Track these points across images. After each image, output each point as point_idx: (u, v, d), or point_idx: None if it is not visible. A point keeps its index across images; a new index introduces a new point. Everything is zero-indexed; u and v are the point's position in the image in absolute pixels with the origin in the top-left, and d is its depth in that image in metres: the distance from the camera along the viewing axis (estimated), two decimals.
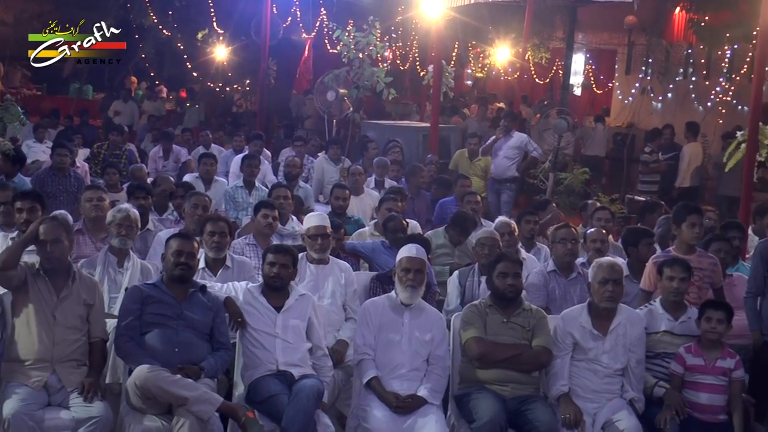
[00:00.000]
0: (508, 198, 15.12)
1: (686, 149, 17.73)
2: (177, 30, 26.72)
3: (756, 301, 7.72)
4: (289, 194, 10.29)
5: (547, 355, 7.01)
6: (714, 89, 20.89)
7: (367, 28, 16.68)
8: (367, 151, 15.14)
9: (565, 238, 8.40)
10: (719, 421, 6.98)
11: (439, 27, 16.25)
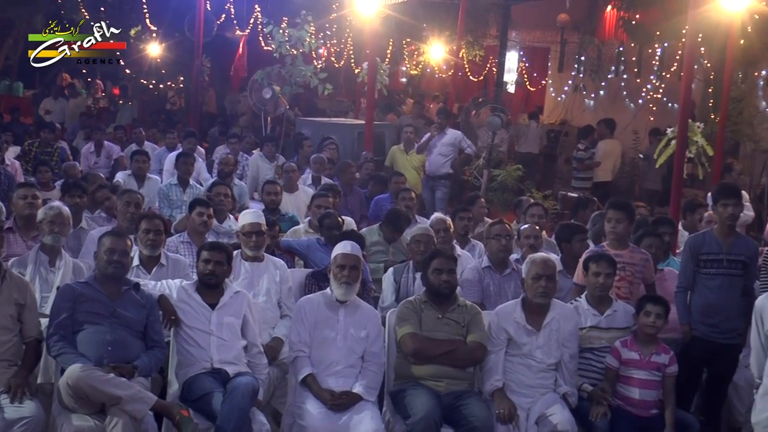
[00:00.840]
0: (442, 195, 15.18)
1: (601, 145, 17.93)
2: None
3: (686, 295, 7.82)
4: (229, 192, 10.27)
5: (481, 351, 7.05)
6: (645, 87, 21.13)
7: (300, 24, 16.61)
8: (301, 148, 15.13)
9: (499, 234, 8.45)
10: (651, 416, 7.07)
11: (373, 24, 16.27)
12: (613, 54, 23.23)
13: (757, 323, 6.28)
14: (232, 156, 13.73)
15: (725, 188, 8.07)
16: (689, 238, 8.29)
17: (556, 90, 24.95)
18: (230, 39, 26.09)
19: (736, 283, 7.68)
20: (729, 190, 7.92)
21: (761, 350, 6.31)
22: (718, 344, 7.69)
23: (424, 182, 15.32)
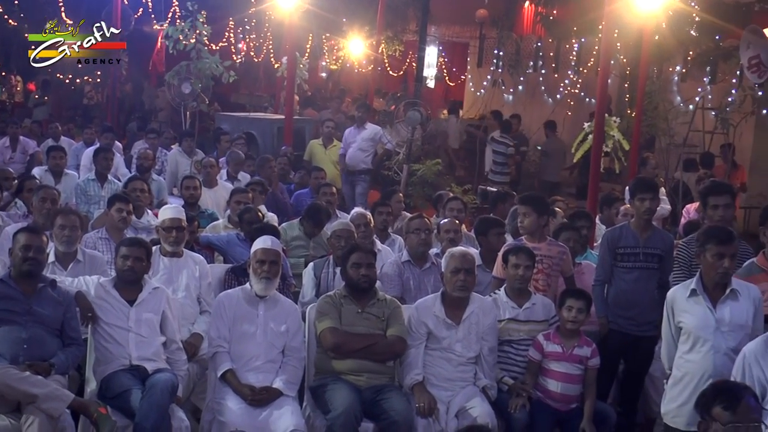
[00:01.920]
0: (362, 189, 15.21)
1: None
2: (24, 20, 26.02)
3: (603, 288, 7.91)
4: (145, 187, 10.19)
5: (401, 345, 7.07)
6: (563, 82, 21.36)
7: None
8: (219, 143, 15.04)
9: (419, 229, 8.48)
10: (570, 410, 7.15)
11: (292, 19, 16.21)
12: (531, 49, 23.46)
13: (669, 315, 6.37)
14: (150, 151, 13.61)
15: (642, 182, 8.18)
16: (606, 231, 8.39)
17: (476, 85, 25.12)
18: (148, 33, 25.82)
19: (652, 276, 7.78)
20: (646, 185, 8.03)
21: (672, 341, 6.40)
22: (635, 336, 7.79)
23: (344, 177, 15.34)
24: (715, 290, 6.19)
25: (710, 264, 6.12)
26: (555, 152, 19.28)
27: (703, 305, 6.17)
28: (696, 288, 6.20)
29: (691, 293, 6.21)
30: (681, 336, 6.30)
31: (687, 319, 6.23)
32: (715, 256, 6.08)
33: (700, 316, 6.16)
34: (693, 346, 6.17)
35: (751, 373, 5.29)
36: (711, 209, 7.37)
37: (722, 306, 6.15)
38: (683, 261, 7.32)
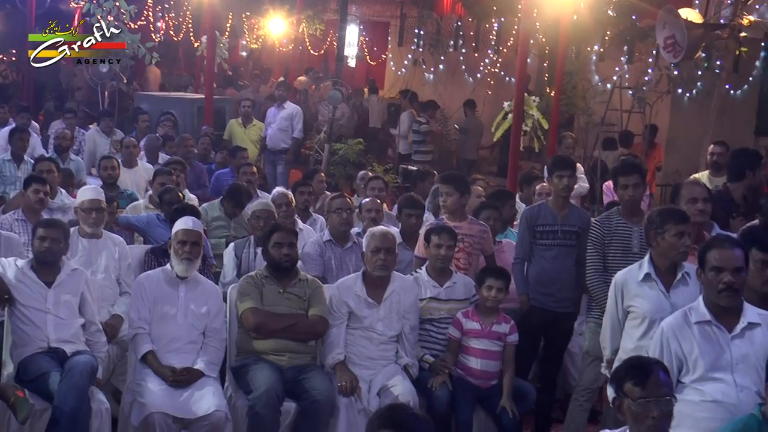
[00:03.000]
0: (283, 169, 15.17)
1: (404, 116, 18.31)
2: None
3: (523, 266, 7.97)
4: (53, 167, 10.04)
5: (323, 324, 7.08)
6: (483, 61, 21.46)
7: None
8: (138, 123, 14.90)
9: (340, 208, 8.47)
10: (490, 386, 7.21)
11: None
12: (452, 29, 23.52)
13: (616, 298, 6.32)
14: (68, 131, 13.43)
15: (559, 160, 8.26)
16: (525, 210, 8.45)
17: (396, 64, 25.11)
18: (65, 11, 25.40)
19: (570, 253, 7.86)
20: (563, 162, 8.11)
21: (617, 326, 6.35)
22: (555, 313, 7.87)
23: (265, 157, 15.29)
24: (666, 274, 6.19)
25: (671, 244, 6.08)
26: (473, 131, 19.41)
27: (657, 290, 6.16)
28: (650, 272, 6.17)
29: (644, 277, 6.19)
30: (632, 321, 6.26)
31: (640, 304, 6.20)
32: (676, 236, 6.06)
33: (654, 301, 6.13)
34: (647, 331, 6.11)
35: (669, 348, 5.34)
36: (621, 189, 7.44)
37: (675, 290, 6.15)
38: (595, 239, 7.38)
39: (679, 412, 5.12)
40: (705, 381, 5.23)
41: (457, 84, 22.16)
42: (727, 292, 5.21)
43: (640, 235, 7.03)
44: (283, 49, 26.91)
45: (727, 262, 5.21)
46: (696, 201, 6.78)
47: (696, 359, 5.26)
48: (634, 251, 7.21)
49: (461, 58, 22.72)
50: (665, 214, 6.19)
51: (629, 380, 4.44)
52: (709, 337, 5.28)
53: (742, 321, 5.27)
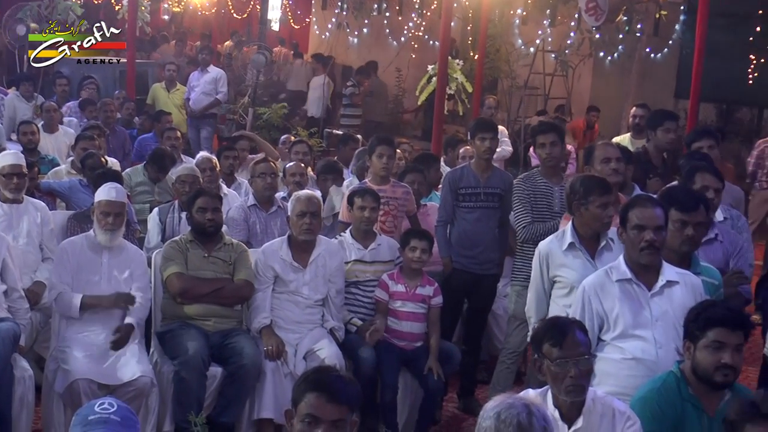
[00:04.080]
0: (207, 134, 15.09)
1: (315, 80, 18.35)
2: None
3: (446, 229, 8.02)
4: None
5: (248, 289, 7.08)
6: (407, 25, 21.44)
7: None
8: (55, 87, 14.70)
9: (264, 173, 8.45)
10: (416, 348, 7.27)
11: None
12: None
13: (542, 268, 6.34)
14: None
15: (482, 123, 8.31)
16: (448, 173, 8.50)
17: (321, 28, 24.99)
18: None
19: (493, 215, 7.93)
20: (485, 125, 8.16)
21: (543, 295, 6.39)
22: (478, 275, 7.94)
23: (189, 121, 15.18)
24: (590, 241, 6.22)
25: (595, 215, 6.11)
26: (378, 93, 19.46)
27: (583, 258, 6.18)
28: (573, 241, 6.20)
29: (569, 246, 6.21)
30: (559, 290, 6.29)
31: (566, 273, 6.23)
32: (600, 207, 6.10)
33: (580, 270, 6.13)
34: None
35: (590, 306, 5.40)
36: (539, 147, 7.51)
37: (600, 257, 6.17)
38: (522, 195, 7.44)
39: (601, 371, 5.26)
40: (626, 338, 5.31)
41: (382, 48, 22.13)
42: (649, 250, 5.29)
43: (561, 194, 7.13)
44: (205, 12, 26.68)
45: (649, 220, 5.29)
46: (609, 161, 6.85)
47: (617, 316, 5.34)
48: (555, 210, 7.32)
49: (385, 21, 22.68)
50: (589, 185, 6.21)
51: (547, 341, 4.52)
52: (630, 295, 5.36)
53: (661, 279, 5.35)
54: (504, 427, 3.57)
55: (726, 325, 4.55)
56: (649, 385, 4.83)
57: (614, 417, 4.56)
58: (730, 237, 6.42)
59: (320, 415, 3.58)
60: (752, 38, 17.38)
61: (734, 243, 6.37)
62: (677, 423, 4.62)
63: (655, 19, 17.75)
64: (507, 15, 17.71)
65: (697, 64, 10.93)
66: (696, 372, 4.64)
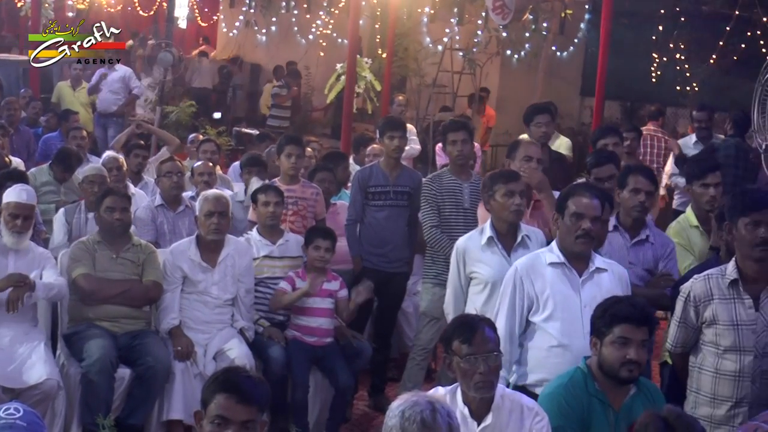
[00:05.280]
0: (114, 133, 14.88)
1: None
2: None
3: (356, 227, 8.05)
4: None
5: (157, 290, 7.03)
6: (315, 23, 21.41)
7: None
8: None
9: (171, 172, 8.40)
10: (326, 345, 7.30)
11: None
12: None
13: (459, 265, 6.36)
14: None
15: (390, 121, 8.35)
16: (357, 171, 8.53)
17: (228, 26, 24.85)
18: None
19: (402, 213, 7.99)
20: (394, 123, 8.21)
21: (460, 292, 6.40)
22: (388, 273, 7.98)
23: (96, 120, 15.01)
24: (507, 237, 6.26)
25: (501, 204, 6.15)
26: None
27: (499, 254, 6.22)
28: (492, 236, 6.23)
29: (487, 241, 6.24)
30: (475, 287, 6.31)
31: (482, 269, 6.25)
32: (505, 195, 6.13)
33: (496, 266, 6.18)
34: (490, 296, 6.16)
35: (522, 286, 5.42)
36: (450, 145, 7.58)
37: (515, 253, 6.19)
38: (429, 196, 7.50)
39: (530, 359, 5.38)
40: (554, 320, 5.36)
41: (290, 46, 22.07)
42: (584, 239, 5.35)
43: (470, 191, 7.21)
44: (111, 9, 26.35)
45: (588, 209, 5.36)
46: (530, 159, 6.89)
47: (547, 298, 5.39)
48: (465, 206, 7.41)
49: (293, 19, 22.60)
50: (494, 176, 6.31)
51: (456, 338, 4.56)
52: (561, 278, 5.41)
53: (590, 266, 5.43)
54: (408, 424, 3.61)
55: (631, 322, 4.64)
56: (557, 380, 4.90)
57: (523, 413, 4.62)
58: (661, 239, 6.51)
59: (230, 416, 3.57)
60: (655, 37, 17.67)
61: (665, 245, 6.45)
62: (584, 418, 4.70)
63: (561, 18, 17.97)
64: (415, 13, 17.79)
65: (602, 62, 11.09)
66: (602, 367, 4.72)
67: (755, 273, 5.14)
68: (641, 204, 6.35)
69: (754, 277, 5.15)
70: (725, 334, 5.13)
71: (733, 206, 5.28)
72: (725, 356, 5.15)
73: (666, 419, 3.84)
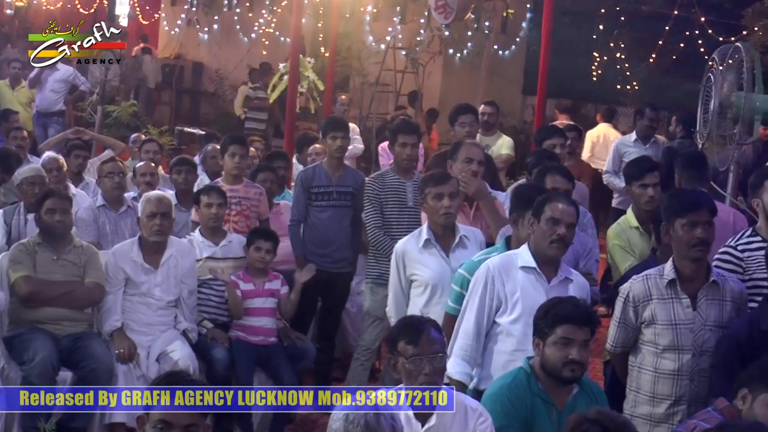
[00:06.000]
0: (55, 132, 14.73)
1: None
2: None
3: (299, 227, 8.04)
4: None
5: (99, 291, 6.99)
6: (257, 21, 21.35)
7: None
8: None
9: (112, 172, 8.37)
10: (270, 344, 7.31)
11: None
12: None
13: (398, 267, 6.38)
14: None
15: (333, 121, 8.36)
16: (300, 172, 8.53)
17: (170, 24, 24.69)
18: None
19: (345, 214, 8.00)
20: (336, 124, 8.22)
21: (401, 295, 6.42)
22: (331, 274, 7.99)
23: (35, 119, 14.85)
24: (444, 238, 6.29)
25: (431, 207, 6.20)
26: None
27: (438, 256, 6.25)
28: (429, 238, 6.26)
29: (425, 244, 6.27)
30: (416, 289, 6.34)
31: (422, 271, 6.28)
32: (435, 198, 6.17)
33: (435, 268, 6.23)
34: (431, 298, 6.23)
35: (493, 285, 5.44)
36: (400, 146, 7.60)
37: (454, 254, 6.25)
38: (372, 196, 7.52)
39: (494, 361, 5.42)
40: (520, 323, 5.38)
41: (232, 44, 21.99)
42: (558, 244, 5.38)
43: (414, 189, 7.23)
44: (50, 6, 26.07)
45: (565, 215, 5.38)
46: (471, 161, 6.92)
47: (516, 300, 5.42)
48: (408, 205, 7.45)
49: (236, 18, 22.51)
50: (426, 179, 6.37)
51: (402, 339, 4.56)
52: (531, 282, 5.43)
53: (560, 273, 5.47)
54: (352, 427, 3.63)
55: (573, 322, 4.67)
56: (500, 381, 4.93)
57: (467, 413, 4.64)
58: (580, 238, 6.55)
59: (173, 421, 3.56)
60: (596, 36, 17.84)
61: (584, 244, 6.51)
62: (528, 417, 4.72)
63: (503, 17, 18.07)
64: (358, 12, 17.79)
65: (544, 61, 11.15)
66: (545, 367, 4.75)
67: (692, 273, 5.24)
68: None
69: (691, 277, 5.25)
70: (664, 333, 5.21)
71: (670, 207, 5.36)
72: (664, 355, 5.23)
73: (599, 421, 3.86)
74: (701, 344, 5.20)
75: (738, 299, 5.33)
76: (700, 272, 5.25)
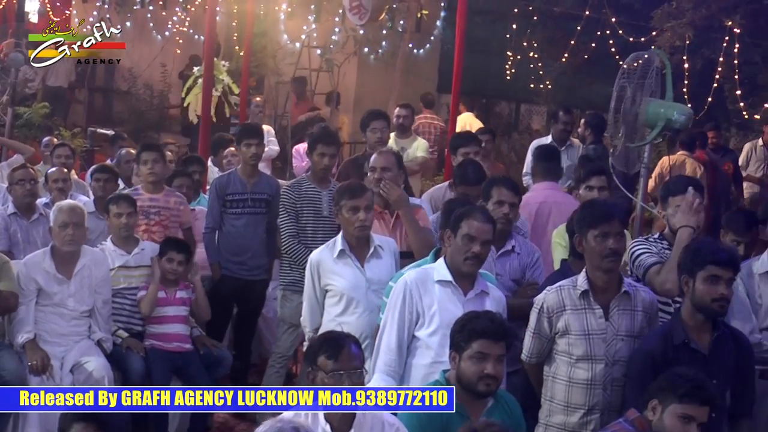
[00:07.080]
0: None
1: None
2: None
3: (214, 234, 8.03)
4: None
5: (14, 299, 6.87)
6: (171, 19, 21.19)
7: None
8: None
9: (23, 179, 8.22)
10: (185, 351, 7.31)
11: None
12: None
13: (313, 278, 6.38)
14: None
15: (247, 129, 8.36)
16: (214, 179, 8.49)
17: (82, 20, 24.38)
18: None
19: (261, 221, 8.02)
20: (250, 131, 8.20)
21: (316, 305, 6.42)
22: (247, 281, 8.01)
23: None
24: (359, 249, 6.30)
25: (346, 220, 6.22)
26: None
27: (352, 266, 6.27)
28: (344, 248, 6.27)
29: (339, 254, 6.28)
30: (331, 299, 6.34)
31: (337, 281, 6.29)
32: (350, 211, 6.19)
33: (350, 278, 6.25)
34: (346, 308, 6.25)
35: (411, 299, 5.47)
36: (318, 156, 7.56)
37: (369, 264, 6.28)
38: (287, 204, 7.51)
39: (414, 375, 5.46)
40: (437, 335, 5.41)
41: (146, 42, 21.77)
42: (473, 261, 5.43)
43: (329, 198, 7.24)
44: None
45: (480, 233, 5.42)
46: (376, 170, 6.95)
47: (434, 314, 5.45)
48: (324, 214, 7.45)
49: (149, 15, 22.31)
50: (340, 191, 6.38)
51: (322, 354, 4.58)
52: (448, 296, 5.48)
53: (476, 287, 5.52)
54: None
55: (489, 337, 4.73)
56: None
57: (384, 428, 4.67)
58: (527, 248, 6.62)
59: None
60: (509, 35, 18.03)
61: (530, 254, 6.57)
62: (443, 430, 4.76)
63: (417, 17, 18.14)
64: (272, 11, 17.74)
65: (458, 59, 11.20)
66: (460, 381, 4.80)
67: (604, 283, 5.32)
68: (505, 216, 6.40)
69: (604, 288, 5.33)
70: (577, 343, 5.29)
71: (582, 218, 5.44)
72: (577, 365, 5.30)
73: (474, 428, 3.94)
74: (614, 354, 5.28)
75: (649, 309, 5.42)
76: (612, 283, 5.34)
